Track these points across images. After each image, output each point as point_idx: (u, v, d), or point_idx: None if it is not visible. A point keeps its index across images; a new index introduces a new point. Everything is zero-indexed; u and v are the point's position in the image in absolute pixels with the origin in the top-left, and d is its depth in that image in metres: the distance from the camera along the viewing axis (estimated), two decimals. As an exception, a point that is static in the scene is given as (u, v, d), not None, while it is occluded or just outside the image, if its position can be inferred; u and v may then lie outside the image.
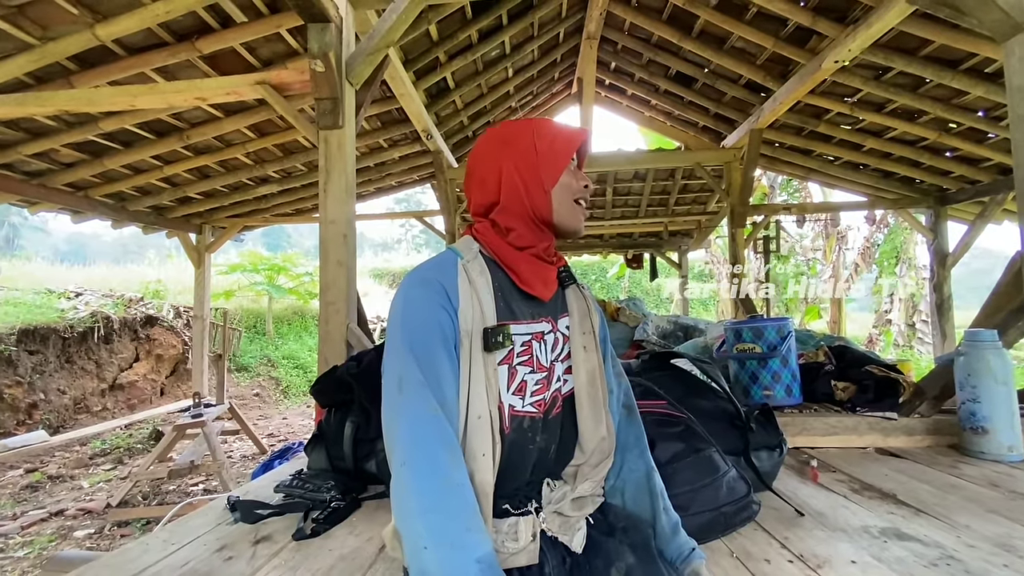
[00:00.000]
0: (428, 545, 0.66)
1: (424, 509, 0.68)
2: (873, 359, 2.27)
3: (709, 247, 10.79)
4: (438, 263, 0.84)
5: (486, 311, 0.81)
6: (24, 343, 5.50)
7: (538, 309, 0.88)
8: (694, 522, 1.05)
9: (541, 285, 0.88)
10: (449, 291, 0.80)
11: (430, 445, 0.72)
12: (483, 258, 0.86)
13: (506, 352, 0.82)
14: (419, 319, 0.78)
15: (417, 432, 0.72)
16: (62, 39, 2.60)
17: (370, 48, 2.26)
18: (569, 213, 0.89)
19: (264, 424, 6.76)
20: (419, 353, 0.76)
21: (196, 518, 1.36)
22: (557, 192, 0.87)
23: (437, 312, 0.78)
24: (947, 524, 1.20)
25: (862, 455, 1.78)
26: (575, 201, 0.89)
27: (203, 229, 6.09)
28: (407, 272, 0.86)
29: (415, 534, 0.67)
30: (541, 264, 0.89)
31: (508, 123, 0.92)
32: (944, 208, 5.33)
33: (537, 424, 0.85)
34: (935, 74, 3.48)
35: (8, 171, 3.97)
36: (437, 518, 0.68)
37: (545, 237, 0.89)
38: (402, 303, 0.81)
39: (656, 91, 5.15)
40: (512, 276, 0.86)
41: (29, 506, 3.89)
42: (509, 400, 0.82)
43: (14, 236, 27.03)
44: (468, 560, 0.65)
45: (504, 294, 0.85)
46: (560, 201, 0.88)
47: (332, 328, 2.19)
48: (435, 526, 0.67)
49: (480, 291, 0.82)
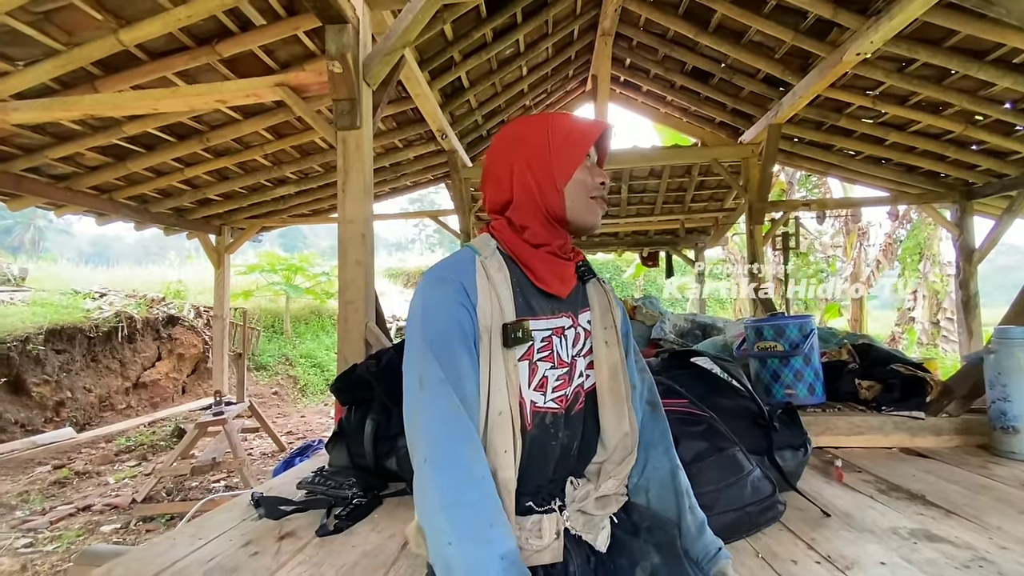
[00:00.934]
0: (452, 541, 0.66)
1: (447, 504, 0.68)
2: (898, 357, 2.22)
3: (726, 244, 10.65)
4: (456, 261, 0.85)
5: (505, 307, 0.81)
6: (52, 342, 5.65)
7: (557, 304, 0.88)
8: (718, 522, 1.04)
9: (557, 282, 0.87)
10: (467, 288, 0.80)
11: (452, 441, 0.72)
12: (501, 255, 0.86)
13: (526, 348, 0.82)
14: (438, 317, 0.79)
15: (439, 429, 0.73)
16: (87, 44, 2.66)
17: (387, 48, 2.27)
18: (584, 210, 0.87)
19: (283, 422, 6.85)
20: (439, 351, 0.76)
21: (221, 513, 1.38)
22: (571, 189, 0.86)
23: (456, 309, 0.79)
24: (978, 525, 1.17)
25: (888, 455, 1.75)
26: (591, 198, 0.88)
27: (222, 230, 6.19)
28: (424, 271, 0.86)
29: (439, 530, 0.68)
30: (557, 261, 0.88)
31: (523, 119, 0.91)
32: (970, 203, 5.18)
33: (559, 420, 0.85)
34: (961, 65, 3.38)
35: (35, 175, 4.07)
36: (460, 513, 0.68)
37: (560, 234, 0.88)
38: (421, 302, 0.81)
39: (672, 87, 5.09)
40: (528, 273, 0.86)
41: (57, 501, 3.99)
42: (531, 396, 0.82)
43: (40, 239, 27.75)
44: (492, 556, 0.65)
45: (522, 290, 0.85)
46: (574, 198, 0.86)
47: (351, 327, 2.21)
48: (458, 521, 0.67)
49: (499, 287, 0.82)
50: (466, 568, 0.65)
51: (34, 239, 27.14)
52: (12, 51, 2.68)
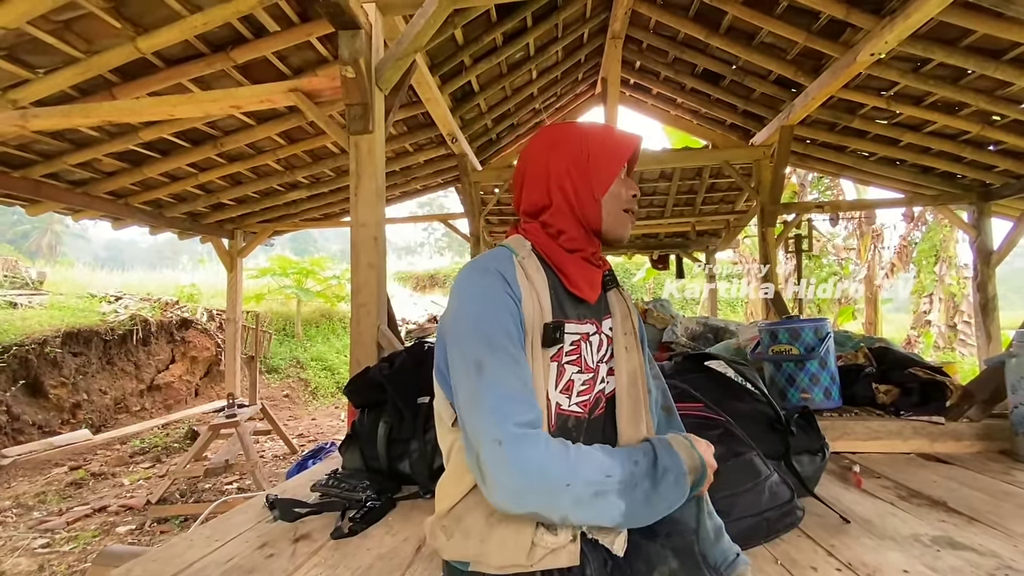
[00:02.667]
0: (610, 477, 0.72)
1: (564, 455, 0.71)
2: (916, 361, 2.18)
3: (738, 247, 10.58)
4: (496, 255, 0.84)
5: (544, 306, 0.81)
6: (68, 345, 5.74)
7: (584, 311, 0.89)
8: (736, 527, 1.02)
9: (588, 287, 0.88)
10: (510, 282, 0.80)
11: (525, 416, 0.71)
12: (536, 256, 0.87)
13: (556, 350, 0.82)
14: (490, 304, 0.78)
15: (507, 407, 0.71)
16: (105, 52, 2.71)
17: (399, 53, 2.29)
18: (617, 222, 0.89)
19: (294, 424, 6.90)
20: (494, 336, 0.75)
21: (237, 515, 1.39)
22: (607, 201, 0.87)
23: (504, 298, 0.78)
24: (1003, 533, 1.15)
25: (907, 460, 1.72)
26: (624, 211, 0.89)
27: (235, 234, 6.26)
28: (463, 267, 0.86)
29: (574, 479, 0.70)
30: (589, 267, 0.89)
31: (559, 125, 0.92)
32: (987, 204, 5.10)
33: (582, 424, 0.85)
34: (977, 65, 3.34)
35: (54, 180, 4.15)
36: (575, 455, 0.72)
37: (593, 242, 0.89)
38: (468, 292, 0.80)
39: (682, 89, 5.07)
40: (561, 277, 0.87)
41: (74, 502, 4.05)
42: (556, 398, 0.82)
43: (57, 243, 28.25)
44: (612, 484, 0.72)
45: (556, 293, 0.85)
46: (609, 210, 0.88)
47: (363, 329, 2.22)
48: (582, 462, 0.72)
49: (538, 286, 0.82)
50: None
51: (51, 243, 27.64)
52: (33, 59, 2.73)
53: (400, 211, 27.64)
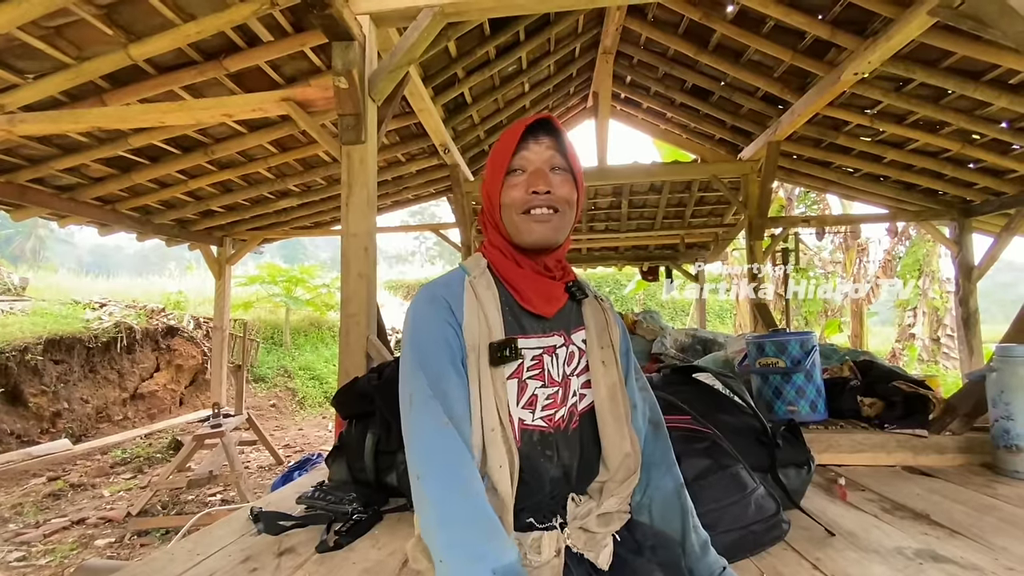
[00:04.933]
0: (443, 558, 0.66)
1: (440, 521, 0.69)
2: (900, 374, 2.21)
3: (726, 260, 10.68)
4: (446, 281, 0.86)
5: (492, 326, 0.81)
6: (50, 352, 5.63)
7: (548, 323, 0.87)
8: (722, 541, 1.03)
9: (542, 302, 0.86)
10: (454, 307, 0.82)
11: (441, 457, 0.73)
12: (491, 274, 0.87)
13: (516, 366, 0.82)
14: (426, 336, 0.80)
15: (428, 445, 0.74)
16: (97, 59, 2.70)
17: (392, 65, 2.30)
18: (516, 230, 0.84)
19: (280, 435, 6.80)
20: (427, 369, 0.78)
21: (220, 528, 1.37)
22: (505, 208, 0.85)
23: (443, 328, 0.80)
24: (984, 546, 1.16)
25: (891, 473, 1.74)
26: (522, 213, 0.83)
27: (224, 242, 6.21)
28: (419, 289, 0.88)
29: (433, 547, 0.69)
30: (541, 280, 0.87)
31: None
32: (968, 220, 5.22)
33: (549, 439, 0.84)
34: (957, 85, 3.43)
35: (40, 185, 4.10)
36: (452, 529, 0.68)
37: (528, 253, 0.86)
38: (411, 321, 0.83)
39: (672, 104, 5.15)
40: (512, 293, 0.86)
41: (51, 514, 3.95)
42: (519, 414, 0.82)
43: (40, 248, 27.78)
44: (484, 571, 0.65)
45: (511, 309, 0.85)
46: (508, 219, 0.85)
47: (352, 340, 2.21)
48: (449, 538, 0.68)
49: (486, 307, 0.82)
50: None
51: (35, 248, 27.17)
52: (23, 64, 2.71)
53: (391, 220, 27.09)
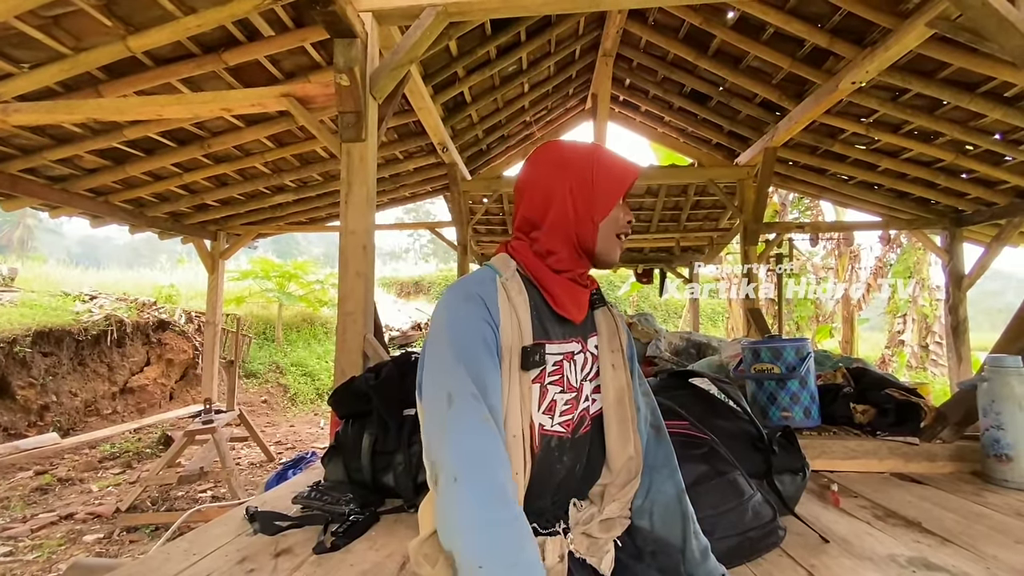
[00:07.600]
0: (483, 564, 0.62)
1: (481, 524, 0.65)
2: (892, 382, 2.24)
3: (720, 264, 10.75)
4: (479, 279, 0.85)
5: (524, 329, 0.81)
6: (39, 345, 5.56)
7: (569, 330, 0.89)
8: (719, 547, 1.03)
9: (575, 308, 0.88)
10: (490, 307, 0.80)
11: (486, 458, 0.70)
12: (520, 277, 0.87)
13: (539, 371, 0.83)
14: (467, 332, 0.78)
15: (472, 445, 0.70)
16: (94, 49, 2.66)
17: (393, 63, 2.30)
18: (611, 247, 0.90)
19: (271, 431, 6.77)
20: (469, 366, 0.75)
21: (215, 528, 1.36)
22: (605, 225, 0.89)
23: (482, 326, 0.79)
24: (974, 554, 1.18)
25: (883, 480, 1.76)
26: (617, 235, 0.91)
27: (218, 236, 6.15)
28: (447, 288, 0.86)
29: (470, 551, 0.64)
30: (576, 287, 0.90)
31: (565, 144, 0.93)
32: (959, 229, 5.28)
33: (565, 444, 0.85)
34: (953, 96, 3.48)
35: (32, 175, 4.04)
36: (495, 533, 0.65)
37: (583, 263, 0.90)
38: (448, 317, 0.80)
39: (670, 108, 5.18)
40: (547, 297, 0.87)
41: (39, 509, 3.91)
42: (539, 419, 0.83)
43: (28, 237, 27.42)
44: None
45: (539, 314, 0.86)
46: (605, 235, 0.89)
47: (349, 338, 2.20)
48: (492, 542, 0.64)
49: (519, 309, 0.82)
50: None
51: (23, 238, 26.81)
52: (18, 53, 2.67)
53: (387, 217, 27.02)
